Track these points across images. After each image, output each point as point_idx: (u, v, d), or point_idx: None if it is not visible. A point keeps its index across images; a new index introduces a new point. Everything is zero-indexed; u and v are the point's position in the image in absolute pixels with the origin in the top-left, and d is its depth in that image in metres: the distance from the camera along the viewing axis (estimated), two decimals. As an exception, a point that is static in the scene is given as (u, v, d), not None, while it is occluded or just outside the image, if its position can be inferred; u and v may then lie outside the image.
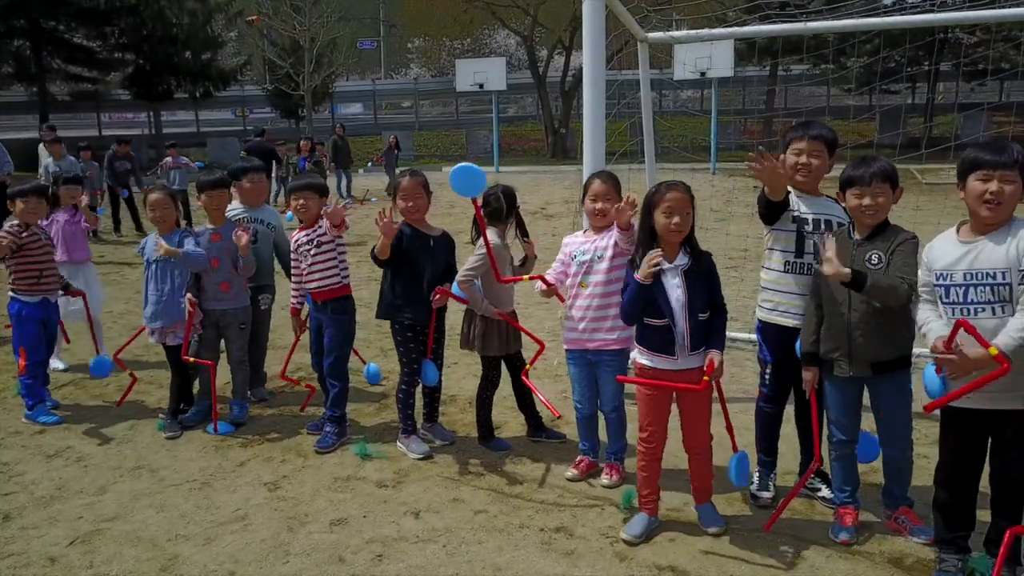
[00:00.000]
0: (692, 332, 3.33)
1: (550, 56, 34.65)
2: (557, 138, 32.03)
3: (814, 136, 3.60)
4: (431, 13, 35.34)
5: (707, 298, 3.40)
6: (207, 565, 3.37)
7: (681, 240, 3.36)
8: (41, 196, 5.05)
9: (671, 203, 3.28)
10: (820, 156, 3.61)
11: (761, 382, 3.85)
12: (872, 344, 3.30)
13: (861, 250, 3.32)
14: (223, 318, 4.85)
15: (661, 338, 3.39)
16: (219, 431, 4.75)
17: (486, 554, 3.41)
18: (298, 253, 4.66)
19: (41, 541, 3.60)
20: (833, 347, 3.38)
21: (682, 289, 3.33)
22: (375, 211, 4.21)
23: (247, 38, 36.67)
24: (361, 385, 5.52)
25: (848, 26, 5.90)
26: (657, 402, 3.52)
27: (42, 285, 5.00)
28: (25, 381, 4.98)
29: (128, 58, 33.04)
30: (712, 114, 23.84)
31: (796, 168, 3.62)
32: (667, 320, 3.34)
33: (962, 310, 2.90)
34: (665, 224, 3.30)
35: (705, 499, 3.64)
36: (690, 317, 3.32)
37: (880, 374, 3.35)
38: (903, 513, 3.48)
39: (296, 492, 4.03)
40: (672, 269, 3.35)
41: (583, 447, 4.21)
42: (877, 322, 3.26)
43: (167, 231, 4.81)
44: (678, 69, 22.03)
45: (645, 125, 6.30)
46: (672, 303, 3.34)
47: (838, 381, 3.43)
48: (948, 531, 3.15)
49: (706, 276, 3.42)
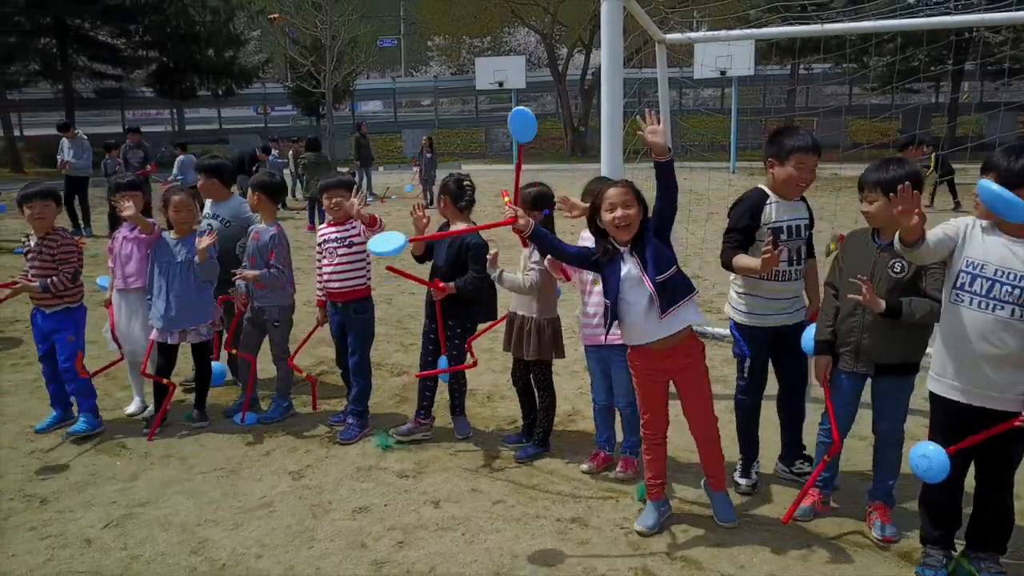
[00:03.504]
0: (660, 294, 3.31)
1: (570, 54, 34.70)
2: (576, 136, 32.07)
3: (816, 150, 3.68)
4: (451, 11, 35.47)
5: (661, 257, 3.36)
6: (236, 549, 3.51)
7: (630, 234, 3.38)
8: (48, 198, 4.70)
9: (612, 199, 3.37)
10: (815, 168, 3.71)
11: (739, 376, 3.98)
12: (879, 347, 3.39)
13: (884, 256, 3.36)
14: (258, 315, 4.94)
15: (610, 315, 3.43)
16: (245, 421, 4.89)
17: (503, 542, 3.52)
18: (322, 249, 4.77)
19: (77, 524, 3.75)
20: (843, 341, 3.48)
21: (633, 263, 3.37)
22: (396, 208, 4.32)
23: (269, 36, 36.99)
24: (383, 380, 5.65)
25: (866, 28, 5.93)
26: (650, 386, 3.58)
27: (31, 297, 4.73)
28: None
29: (152, 55, 33.46)
30: (732, 113, 23.79)
31: (800, 183, 3.70)
32: (610, 302, 3.40)
33: (981, 303, 2.95)
34: (609, 219, 3.38)
35: (719, 486, 3.71)
36: (653, 283, 3.31)
37: (883, 374, 3.45)
38: (875, 508, 3.57)
39: (320, 481, 4.16)
40: (624, 251, 3.41)
41: (600, 440, 4.30)
42: (890, 326, 3.33)
43: (186, 232, 4.83)
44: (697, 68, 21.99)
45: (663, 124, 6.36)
46: (620, 283, 3.37)
47: (842, 373, 3.53)
48: (933, 528, 3.23)
49: (651, 240, 3.40)
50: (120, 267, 4.98)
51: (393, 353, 6.41)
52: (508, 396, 5.22)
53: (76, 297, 4.81)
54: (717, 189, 15.63)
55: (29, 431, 4.88)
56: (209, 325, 4.92)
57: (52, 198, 4.75)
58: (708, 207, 14.41)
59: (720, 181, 16.05)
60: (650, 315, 3.35)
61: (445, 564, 3.36)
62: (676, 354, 3.44)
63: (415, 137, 29.83)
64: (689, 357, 3.48)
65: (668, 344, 3.41)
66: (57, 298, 4.71)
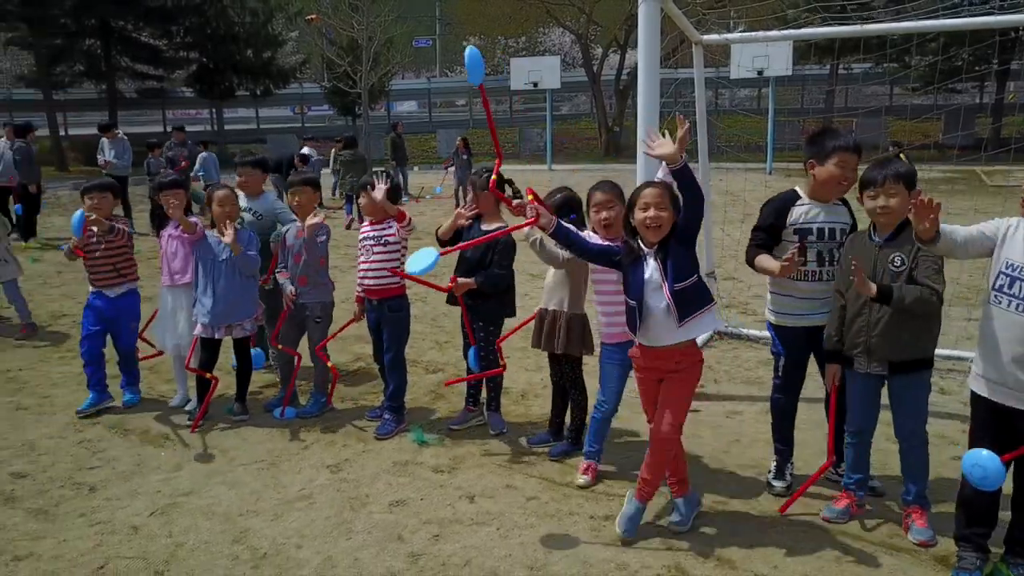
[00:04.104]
0: (677, 303, 3.33)
1: (605, 54, 34.61)
2: (611, 136, 31.98)
3: (857, 150, 3.67)
4: (487, 11, 35.56)
5: (684, 265, 3.38)
6: (276, 539, 3.60)
7: (660, 236, 3.39)
8: (106, 191, 5.14)
9: (647, 199, 3.39)
10: (856, 168, 3.69)
11: (775, 374, 3.98)
12: (889, 344, 3.38)
13: (884, 252, 3.38)
14: (299, 311, 5.03)
15: (630, 317, 3.47)
16: (285, 416, 5.00)
17: (537, 538, 3.56)
18: (361, 247, 4.85)
19: (124, 511, 3.88)
20: (853, 343, 3.48)
21: (656, 267, 3.39)
22: (430, 208, 4.40)
23: (306, 37, 37.41)
24: (419, 377, 5.73)
25: (907, 28, 5.87)
26: (649, 385, 3.60)
27: (92, 279, 5.21)
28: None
29: (192, 56, 34.10)
30: (769, 113, 23.56)
31: (841, 182, 3.69)
32: (635, 302, 3.42)
33: (1019, 305, 2.94)
34: (641, 219, 3.40)
35: (683, 492, 3.67)
36: (671, 291, 3.33)
37: (896, 372, 3.44)
38: (911, 512, 3.55)
39: (357, 474, 4.24)
40: (649, 253, 3.43)
41: (591, 451, 4.17)
42: (896, 324, 3.33)
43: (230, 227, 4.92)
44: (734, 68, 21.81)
45: (699, 125, 6.37)
46: (644, 285, 3.40)
47: (858, 375, 3.54)
48: (968, 527, 3.21)
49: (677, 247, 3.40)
50: (167, 264, 5.15)
51: (428, 350, 6.49)
52: (542, 395, 5.27)
53: (135, 277, 5.31)
54: (753, 190, 15.51)
55: (78, 421, 5.05)
56: (253, 320, 5.04)
57: (110, 191, 5.19)
58: (744, 208, 14.29)
59: (756, 182, 15.92)
60: (668, 321, 3.37)
61: (480, 558, 3.42)
62: (673, 355, 3.46)
63: (449, 137, 29.96)
64: (683, 363, 3.48)
65: (667, 349, 3.45)
66: (120, 276, 5.19)
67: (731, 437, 4.64)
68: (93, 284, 5.22)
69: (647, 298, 3.38)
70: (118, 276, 5.20)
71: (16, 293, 7.16)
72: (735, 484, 4.05)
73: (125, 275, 5.23)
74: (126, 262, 5.24)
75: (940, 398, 5.04)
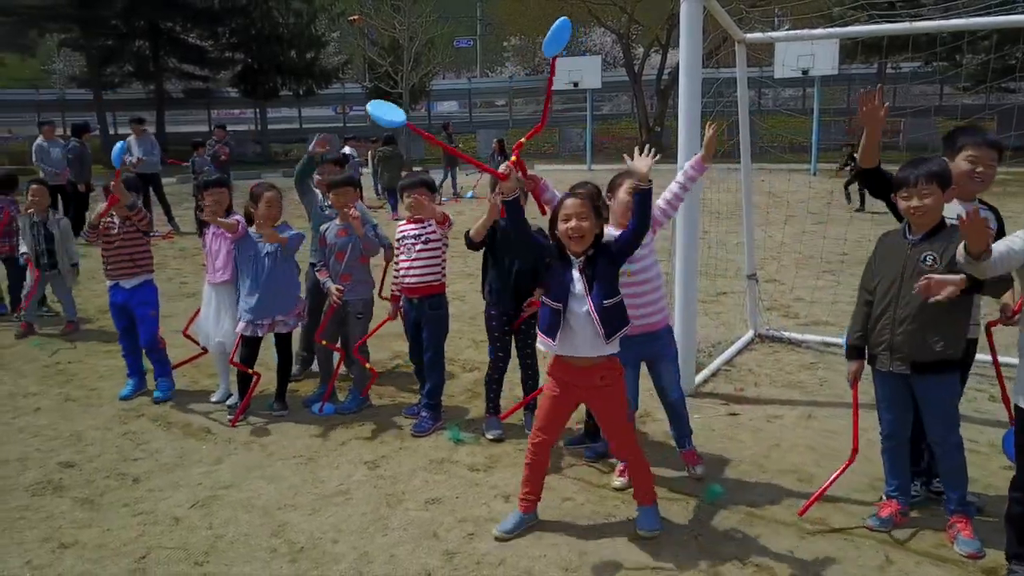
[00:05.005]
0: (603, 320, 3.32)
1: (646, 54, 34.41)
2: (652, 136, 31.77)
3: (992, 145, 3.55)
4: (527, 11, 35.56)
5: (611, 283, 3.40)
6: (313, 533, 3.64)
7: (583, 246, 3.38)
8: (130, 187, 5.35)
9: (568, 210, 3.37)
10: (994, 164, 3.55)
11: None
12: (912, 343, 3.30)
13: (916, 250, 3.31)
14: (342, 307, 5.05)
15: (550, 321, 3.42)
16: (324, 412, 5.06)
17: (572, 539, 3.55)
18: (400, 245, 4.87)
19: (166, 503, 3.95)
20: (876, 340, 3.42)
21: (581, 279, 3.37)
22: (469, 207, 4.39)
23: (348, 37, 37.84)
24: (456, 375, 5.75)
25: (958, 25, 5.70)
26: (559, 400, 3.57)
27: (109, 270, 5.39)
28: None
29: (237, 57, 34.72)
30: (814, 113, 23.18)
31: (973, 177, 3.55)
32: (559, 306, 3.38)
33: None
34: (563, 230, 3.38)
35: (645, 502, 3.63)
36: (595, 305, 3.32)
37: (920, 373, 3.35)
38: (956, 522, 3.45)
39: (394, 471, 4.26)
40: (576, 263, 3.40)
41: None
42: (921, 322, 3.26)
43: (271, 226, 4.97)
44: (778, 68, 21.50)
45: (741, 125, 6.29)
46: (568, 292, 3.37)
47: (881, 375, 3.46)
48: (1020, 544, 3.11)
49: (607, 267, 3.40)
50: (211, 261, 5.24)
51: (465, 349, 6.50)
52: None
53: (151, 268, 5.48)
54: (796, 191, 15.28)
55: (124, 414, 5.16)
56: (295, 316, 5.10)
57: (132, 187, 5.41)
58: (786, 210, 14.10)
59: (800, 183, 15.69)
60: (590, 333, 3.35)
61: (514, 557, 3.41)
62: (592, 374, 3.44)
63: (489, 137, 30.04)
64: (605, 380, 3.47)
65: (590, 363, 3.43)
66: (137, 267, 5.36)
67: (771, 442, 4.57)
68: (110, 276, 5.38)
69: (571, 305, 3.37)
70: (134, 267, 5.35)
71: (66, 292, 7.33)
72: (775, 490, 3.99)
73: (141, 266, 5.38)
74: (143, 253, 5.40)
75: (991, 406, 4.90)
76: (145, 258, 5.42)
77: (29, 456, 4.54)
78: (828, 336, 6.43)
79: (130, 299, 5.36)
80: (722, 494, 3.89)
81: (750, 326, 6.71)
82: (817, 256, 9.41)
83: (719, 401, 5.22)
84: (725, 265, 8.53)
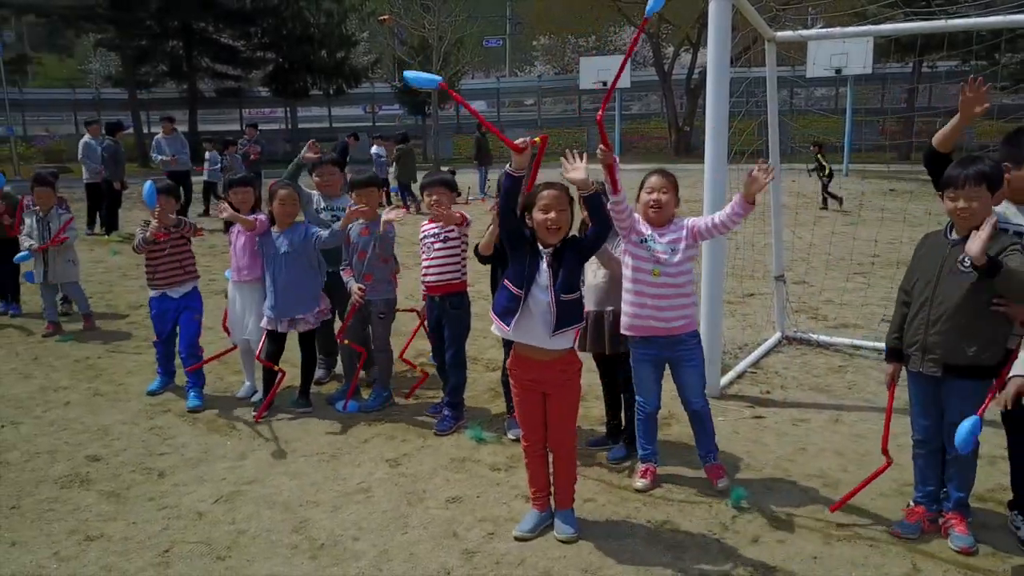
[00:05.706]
0: (558, 311, 3.32)
1: (676, 53, 34.17)
2: (681, 136, 31.56)
3: None
4: (557, 11, 35.54)
5: (574, 278, 3.40)
6: (334, 530, 3.65)
7: (558, 238, 3.38)
8: (169, 195, 5.35)
9: (546, 200, 3.36)
10: None
11: None
12: (946, 344, 3.24)
13: (955, 250, 3.25)
14: (365, 307, 5.07)
15: (507, 305, 3.39)
16: (347, 409, 5.08)
17: (593, 541, 3.52)
18: (423, 244, 4.89)
19: (191, 497, 3.99)
20: (911, 340, 3.37)
21: (547, 270, 3.36)
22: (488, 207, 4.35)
23: (378, 37, 38.03)
24: (479, 374, 5.74)
25: (996, 23, 5.57)
26: (527, 397, 3.55)
27: (157, 280, 5.35)
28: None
29: (269, 57, 35.03)
30: (847, 113, 22.86)
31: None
32: (521, 292, 3.35)
33: None
34: (541, 220, 3.36)
35: (566, 504, 3.62)
36: (555, 297, 3.32)
37: (951, 377, 3.28)
38: (951, 518, 3.42)
39: (415, 470, 4.27)
40: (545, 254, 3.39)
41: (645, 453, 4.11)
42: (956, 325, 3.21)
43: (287, 226, 5.03)
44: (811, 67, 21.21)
45: (770, 124, 6.21)
46: (534, 280, 3.36)
47: (913, 375, 3.41)
48: None
49: (573, 261, 3.40)
50: (235, 259, 5.27)
51: (488, 348, 6.49)
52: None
53: (197, 273, 5.52)
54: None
55: (150, 409, 5.23)
56: (317, 314, 5.12)
57: (171, 195, 5.43)
58: (816, 211, 13.91)
59: (831, 184, 15.49)
60: (544, 323, 3.35)
61: (534, 558, 3.39)
62: (553, 368, 3.45)
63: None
64: (565, 373, 3.48)
65: (549, 356, 3.42)
66: (186, 273, 5.39)
67: (797, 445, 4.50)
68: (156, 285, 5.33)
69: (534, 292, 3.36)
70: (184, 273, 5.38)
71: (76, 289, 7.42)
72: (800, 495, 3.93)
73: (189, 272, 5.41)
74: (190, 259, 5.45)
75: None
76: (192, 263, 5.47)
77: (58, 449, 4.62)
78: (857, 339, 6.33)
79: (177, 306, 5.38)
80: (745, 497, 3.84)
81: (777, 328, 6.63)
82: (847, 258, 9.27)
83: (744, 404, 5.15)
84: (753, 266, 8.43)
